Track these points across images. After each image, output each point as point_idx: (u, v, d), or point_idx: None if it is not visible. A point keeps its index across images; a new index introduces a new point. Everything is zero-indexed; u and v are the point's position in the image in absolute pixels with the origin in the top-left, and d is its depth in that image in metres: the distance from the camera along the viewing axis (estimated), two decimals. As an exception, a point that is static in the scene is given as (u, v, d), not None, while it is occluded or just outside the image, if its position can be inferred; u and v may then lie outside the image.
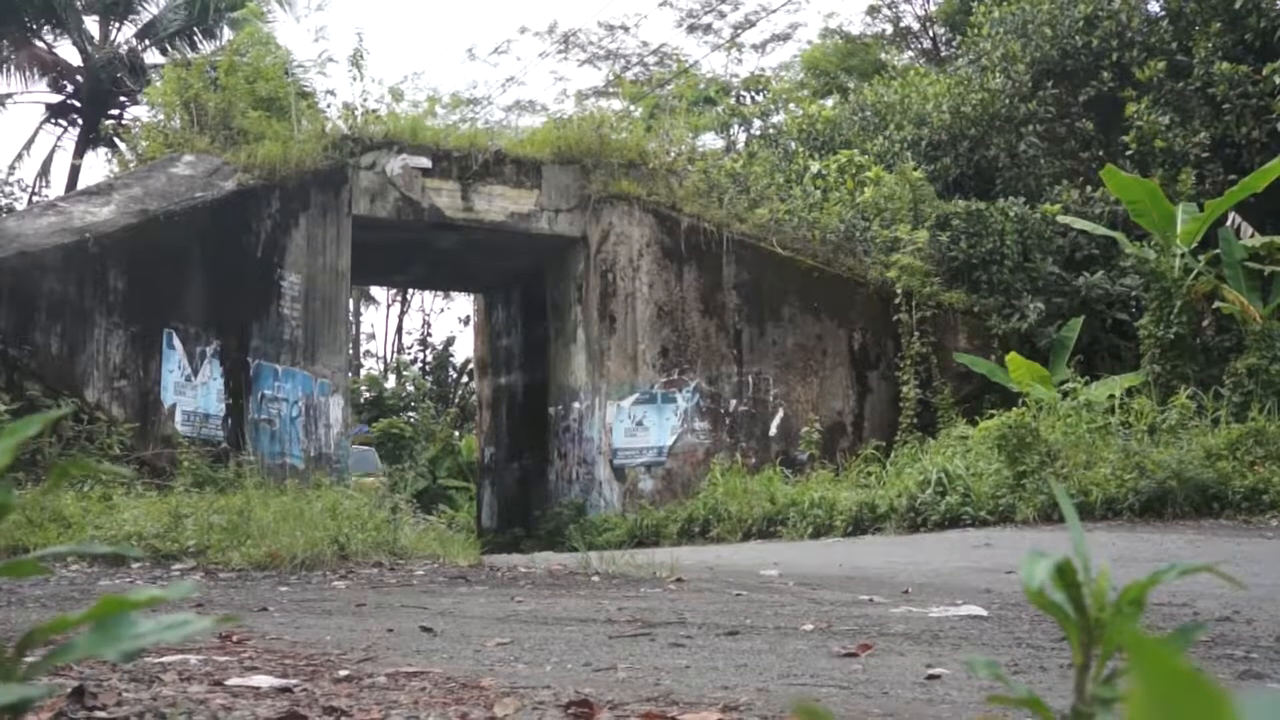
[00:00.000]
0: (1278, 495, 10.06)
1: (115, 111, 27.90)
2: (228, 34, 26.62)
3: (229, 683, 2.71)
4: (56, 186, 27.53)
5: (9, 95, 27.91)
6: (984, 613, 4.40)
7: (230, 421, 15.14)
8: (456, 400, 36.76)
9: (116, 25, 28.35)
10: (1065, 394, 13.55)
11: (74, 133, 28.26)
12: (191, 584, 1.01)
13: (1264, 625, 3.80)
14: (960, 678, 2.91)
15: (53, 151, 29.26)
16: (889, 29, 32.33)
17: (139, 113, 25.70)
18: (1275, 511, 9.90)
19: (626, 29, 41.69)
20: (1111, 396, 13.28)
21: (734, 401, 17.02)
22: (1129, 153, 16.55)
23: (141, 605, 0.81)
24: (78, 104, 28.02)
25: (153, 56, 27.78)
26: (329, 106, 20.87)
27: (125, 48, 27.96)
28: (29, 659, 0.88)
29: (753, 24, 35.30)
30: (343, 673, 2.98)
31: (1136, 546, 7.50)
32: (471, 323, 27.28)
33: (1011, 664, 3.15)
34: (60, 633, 0.87)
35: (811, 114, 23.20)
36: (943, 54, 29.35)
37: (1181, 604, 4.30)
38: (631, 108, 27.85)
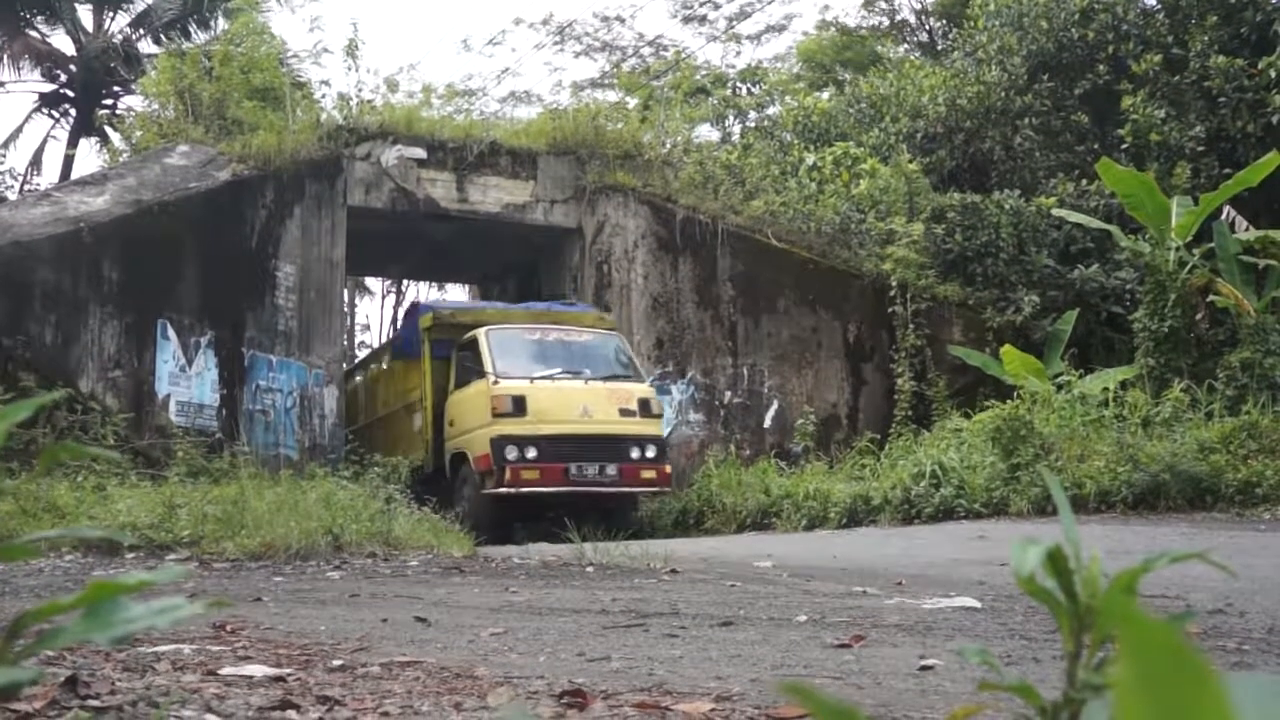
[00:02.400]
0: (1270, 488, 10.08)
1: (109, 101, 27.82)
2: (222, 24, 26.53)
3: (222, 672, 2.71)
4: (49, 176, 27.46)
5: (1, 84, 27.82)
6: (977, 604, 4.41)
7: (224, 412, 15.13)
8: (451, 391, 36.67)
9: (110, 14, 28.24)
10: (1060, 387, 13.57)
11: (67, 122, 28.17)
12: (182, 569, 1.01)
13: (1256, 618, 3.81)
14: (953, 668, 2.92)
15: (45, 141, 29.19)
16: (885, 22, 32.29)
17: (133, 102, 25.65)
18: (1268, 505, 9.92)
19: (622, 20, 41.61)
20: (1106, 389, 13.30)
21: (729, 393, 17.02)
22: (1124, 146, 16.56)
23: (131, 590, 0.81)
24: (71, 94, 27.93)
25: (147, 46, 27.70)
26: (324, 97, 20.91)
27: (119, 37, 27.86)
28: (20, 644, 0.87)
29: (748, 15, 35.23)
30: (336, 662, 2.99)
31: (1129, 538, 7.51)
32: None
33: (1005, 655, 3.16)
34: (51, 618, 0.86)
35: (807, 106, 23.18)
36: (939, 47, 29.33)
37: (1174, 596, 4.31)
38: (627, 99, 27.83)
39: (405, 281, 38.69)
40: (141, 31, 28.06)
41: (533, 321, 15.68)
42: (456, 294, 38.11)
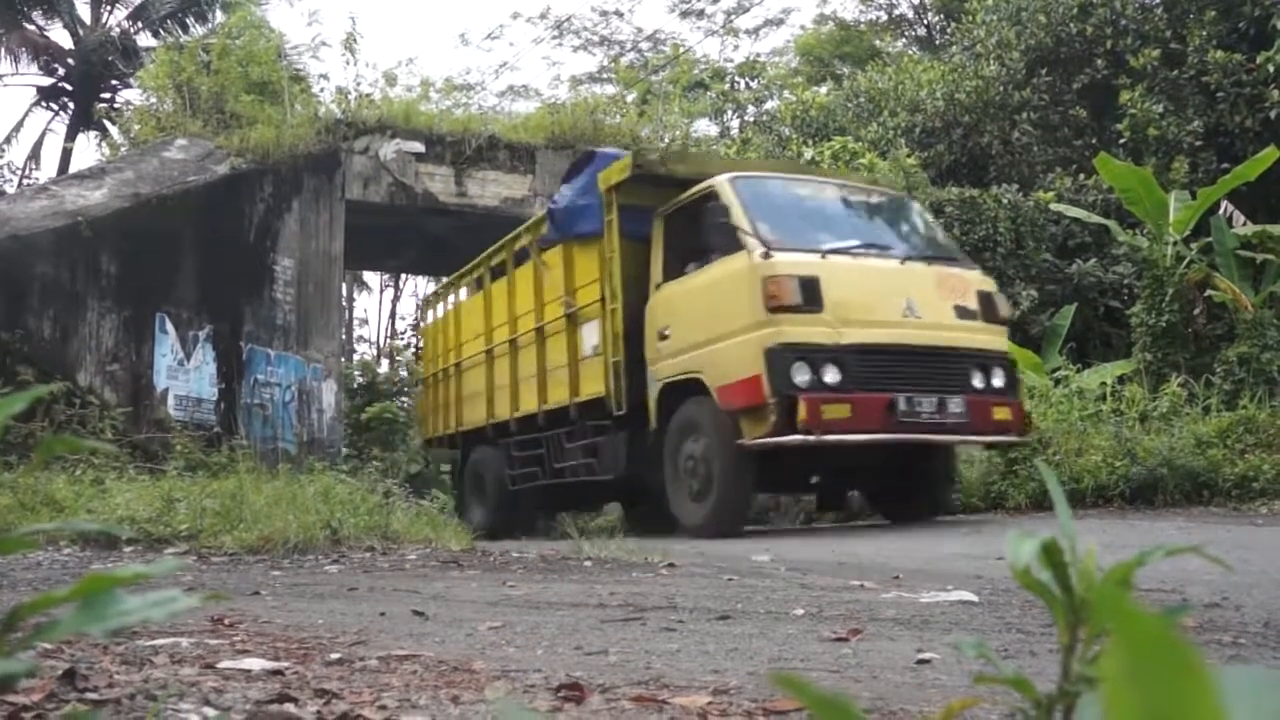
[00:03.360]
0: (1268, 483, 10.09)
1: (107, 95, 27.80)
2: (220, 17, 26.52)
3: (220, 665, 2.71)
4: (47, 170, 27.46)
5: (0, 77, 27.81)
6: (974, 598, 4.41)
7: (223, 406, 15.13)
8: (450, 386, 36.64)
9: (108, 8, 28.23)
10: (1057, 381, 13.58)
11: (65, 116, 28.15)
12: (178, 562, 1.01)
13: (1252, 611, 3.82)
14: (950, 662, 2.92)
15: (44, 135, 29.23)
16: (883, 16, 32.28)
17: (131, 96, 25.64)
18: (1265, 499, 9.94)
19: (620, 15, 41.57)
20: (1103, 384, 13.31)
21: (727, 388, 16.93)
22: (1122, 141, 16.55)
23: (126, 582, 0.81)
24: (69, 87, 27.90)
25: (145, 39, 27.70)
26: (322, 91, 20.88)
27: (117, 30, 27.84)
28: (16, 636, 0.88)
29: (746, 9, 35.22)
30: (334, 656, 2.99)
31: (1126, 533, 7.52)
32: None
33: (1001, 649, 3.16)
34: (46, 610, 0.87)
35: (805, 100, 23.18)
36: (937, 41, 29.31)
37: (1170, 590, 4.32)
38: (625, 93, 27.81)
39: (404, 276, 38.69)
40: (139, 25, 28.04)
41: (794, 172, 10.94)
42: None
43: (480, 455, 13.89)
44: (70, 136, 26.77)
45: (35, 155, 28.47)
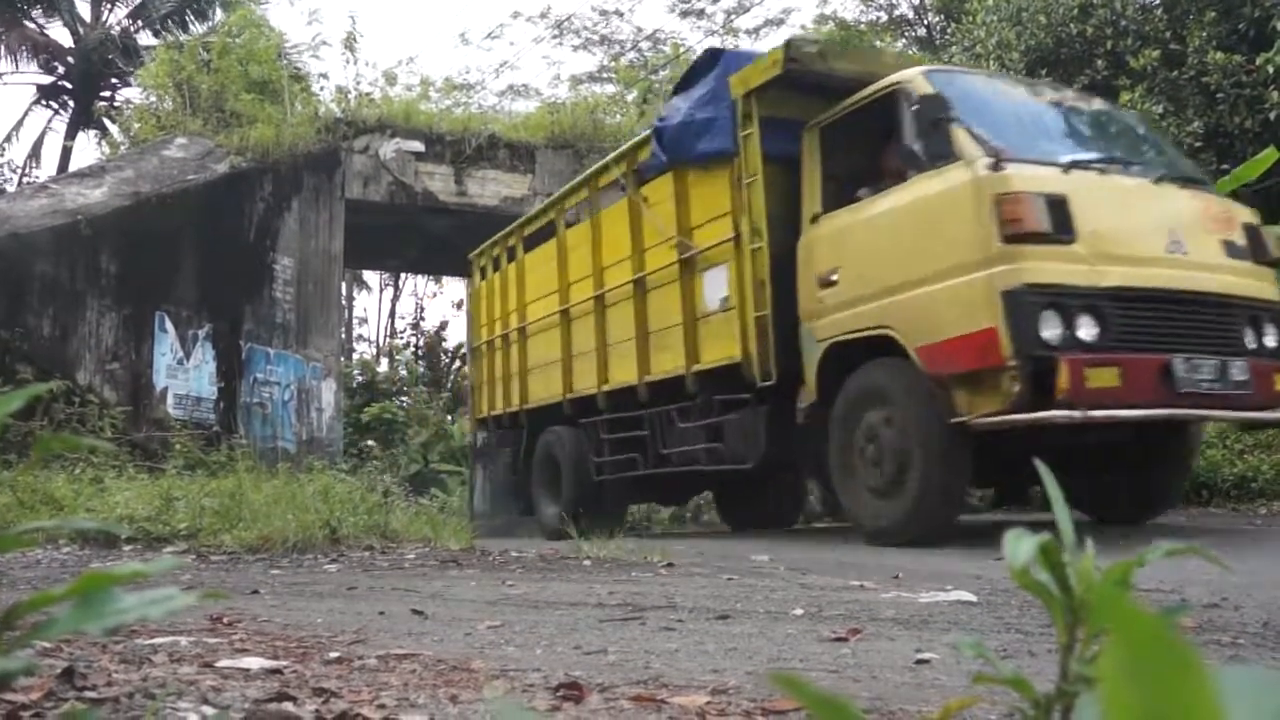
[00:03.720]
0: (1266, 483, 10.10)
1: (107, 93, 27.81)
2: (220, 16, 26.52)
3: (219, 664, 2.71)
4: (47, 168, 27.46)
5: (0, 75, 27.82)
6: (974, 598, 4.41)
7: (222, 405, 15.13)
8: (449, 385, 36.72)
9: (108, 6, 28.23)
10: (1057, 382, 13.54)
11: (65, 114, 28.15)
12: (175, 560, 1.01)
13: (1251, 612, 3.82)
14: (949, 662, 2.92)
15: (44, 133, 29.22)
16: (883, 16, 32.27)
17: (131, 94, 25.65)
18: (1263, 499, 9.95)
19: (620, 14, 41.59)
20: (1103, 384, 13.28)
21: (726, 387, 16.85)
22: (1123, 141, 16.56)
23: (124, 580, 0.81)
24: (69, 85, 27.91)
25: (145, 38, 27.69)
26: (322, 90, 20.89)
27: (117, 29, 27.84)
28: (14, 634, 0.88)
29: (746, 9, 35.21)
30: (333, 655, 2.99)
31: (1126, 533, 7.52)
32: (464, 307, 27.25)
33: (1000, 648, 3.16)
34: (44, 609, 0.86)
35: (806, 100, 23.14)
36: (937, 42, 29.30)
37: (1169, 590, 4.32)
38: (625, 92, 27.82)
39: (403, 275, 38.73)
40: (139, 23, 28.04)
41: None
42: (455, 288, 38.01)
43: (553, 438, 11.69)
44: (70, 135, 26.78)
45: (35, 154, 28.49)
